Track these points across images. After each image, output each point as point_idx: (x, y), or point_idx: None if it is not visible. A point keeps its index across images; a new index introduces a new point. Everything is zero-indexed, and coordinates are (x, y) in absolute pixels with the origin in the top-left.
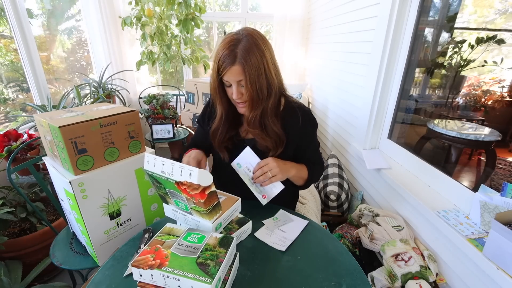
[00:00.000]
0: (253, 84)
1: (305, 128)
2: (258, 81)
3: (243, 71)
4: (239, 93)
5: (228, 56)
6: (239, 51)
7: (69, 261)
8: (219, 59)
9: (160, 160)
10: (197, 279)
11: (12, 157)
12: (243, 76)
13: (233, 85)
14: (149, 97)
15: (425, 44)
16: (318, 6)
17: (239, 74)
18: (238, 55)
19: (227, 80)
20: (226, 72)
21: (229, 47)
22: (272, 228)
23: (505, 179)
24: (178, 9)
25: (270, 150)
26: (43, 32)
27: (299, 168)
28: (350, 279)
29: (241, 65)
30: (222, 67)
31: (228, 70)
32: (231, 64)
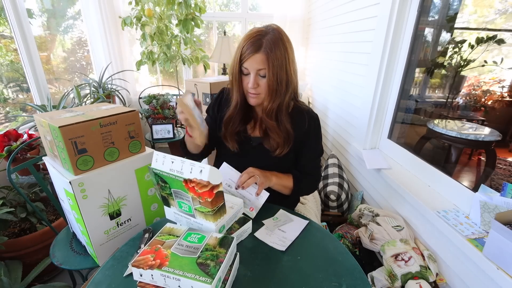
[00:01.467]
0: (274, 75)
1: (309, 133)
2: (280, 73)
3: (266, 61)
4: (255, 82)
5: (253, 44)
6: (265, 41)
7: (69, 261)
8: (244, 45)
9: (170, 158)
10: (197, 279)
11: (12, 157)
12: (266, 66)
13: (251, 74)
14: (149, 97)
15: (425, 44)
16: (318, 6)
17: (261, 63)
18: (264, 45)
19: (247, 67)
20: (249, 59)
21: (256, 36)
22: (272, 228)
23: (505, 179)
24: (178, 9)
25: (277, 148)
26: (43, 32)
27: (281, 177)
28: (350, 279)
29: (266, 54)
30: (246, 53)
31: (251, 57)
32: (255, 51)
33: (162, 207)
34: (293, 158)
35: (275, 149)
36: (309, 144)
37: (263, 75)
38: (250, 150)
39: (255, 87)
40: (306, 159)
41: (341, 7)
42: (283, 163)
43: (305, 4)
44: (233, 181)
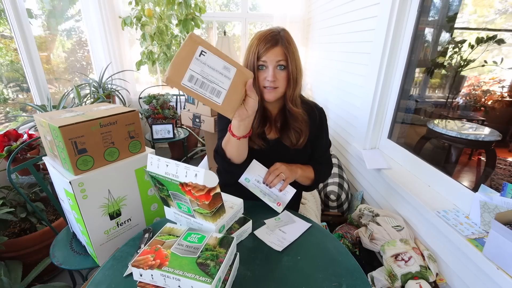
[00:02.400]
0: (293, 63)
1: (321, 126)
2: (297, 64)
3: (285, 52)
4: (274, 75)
5: (270, 40)
6: (281, 37)
7: (69, 261)
8: (260, 43)
9: (164, 161)
10: (197, 279)
11: (12, 157)
12: (285, 57)
13: (269, 67)
14: (149, 97)
15: (425, 44)
16: (318, 6)
17: (281, 55)
18: (280, 39)
19: (266, 60)
20: (268, 53)
21: (271, 34)
22: (273, 228)
23: (505, 179)
24: (178, 9)
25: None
26: (43, 32)
27: (304, 169)
28: (350, 279)
29: (284, 47)
30: (264, 47)
31: (270, 50)
32: (274, 45)
33: (162, 207)
34: (309, 151)
35: (296, 140)
36: (323, 135)
37: (282, 66)
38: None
39: (274, 80)
40: (319, 150)
41: (341, 7)
42: (301, 157)
43: (305, 4)
44: (261, 177)
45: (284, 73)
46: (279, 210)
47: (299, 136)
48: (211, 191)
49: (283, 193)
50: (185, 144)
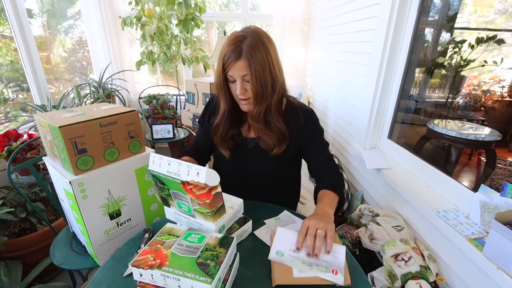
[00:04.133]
0: (258, 79)
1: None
2: (263, 77)
3: (248, 66)
4: (242, 89)
5: (233, 51)
6: (245, 47)
7: (69, 261)
8: (225, 54)
9: (166, 160)
10: (197, 279)
11: (12, 157)
12: (248, 71)
13: (237, 81)
14: (149, 97)
15: (425, 44)
16: (318, 6)
17: (244, 69)
18: (244, 51)
19: (232, 75)
20: (232, 67)
21: (235, 43)
22: (273, 228)
23: (505, 179)
24: (178, 9)
25: (274, 147)
26: (43, 32)
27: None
28: (350, 279)
29: (247, 60)
30: (228, 62)
31: (233, 65)
32: (237, 59)
33: (162, 207)
34: (294, 155)
35: (271, 149)
36: (313, 139)
37: (248, 80)
38: (247, 152)
39: (244, 93)
40: (314, 153)
41: (341, 7)
42: (283, 161)
43: (305, 4)
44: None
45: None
46: (340, 281)
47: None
48: (212, 190)
49: (332, 256)
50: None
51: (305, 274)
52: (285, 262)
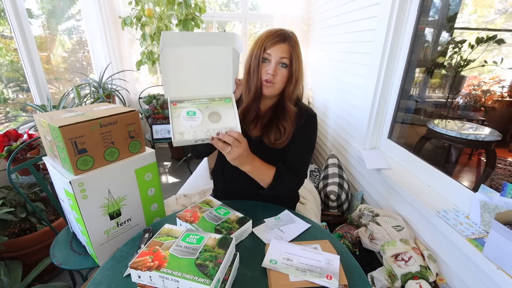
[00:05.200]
0: (296, 63)
1: (303, 129)
2: (297, 67)
3: (289, 51)
4: (274, 69)
5: (280, 35)
6: (289, 36)
7: (69, 261)
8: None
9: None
10: (196, 280)
11: (12, 157)
12: (288, 55)
13: (272, 61)
14: (149, 97)
15: (425, 44)
16: (318, 6)
17: (285, 52)
18: (288, 38)
19: (270, 54)
20: (274, 47)
21: (280, 31)
22: (272, 227)
23: (505, 179)
24: (178, 9)
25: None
26: (43, 32)
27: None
28: (350, 279)
29: (290, 46)
30: (272, 41)
31: (277, 45)
32: (282, 41)
33: (162, 207)
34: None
35: (275, 139)
36: (303, 140)
37: (284, 64)
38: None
39: (274, 74)
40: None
41: (341, 7)
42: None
43: (305, 4)
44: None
45: (285, 71)
46: (335, 286)
47: (280, 135)
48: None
49: (326, 262)
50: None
51: (301, 279)
52: (279, 269)
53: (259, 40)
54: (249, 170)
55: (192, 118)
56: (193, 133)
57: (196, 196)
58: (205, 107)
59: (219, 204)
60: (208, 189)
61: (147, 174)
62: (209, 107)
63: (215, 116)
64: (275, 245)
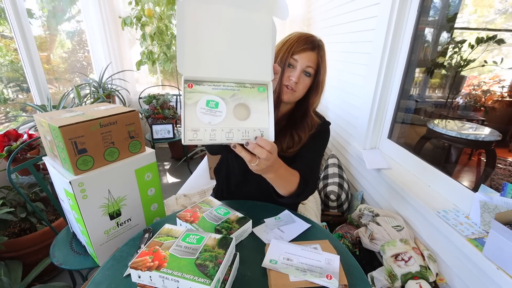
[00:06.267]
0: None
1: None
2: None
3: (316, 61)
4: (298, 76)
5: (311, 42)
6: (318, 46)
7: (69, 261)
8: (297, 40)
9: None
10: (196, 280)
11: (12, 157)
12: (314, 65)
13: (297, 68)
14: (149, 97)
15: (425, 44)
16: (318, 6)
17: (312, 61)
18: (317, 48)
19: (297, 59)
20: (302, 53)
21: (311, 37)
22: (272, 227)
23: (505, 179)
24: None
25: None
26: (43, 32)
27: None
28: (350, 279)
29: (319, 56)
30: (300, 47)
31: (305, 52)
32: (311, 49)
33: (162, 207)
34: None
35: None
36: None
37: (308, 73)
38: None
39: (297, 81)
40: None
41: (341, 7)
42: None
43: (305, 4)
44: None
45: (308, 80)
46: (335, 286)
47: (293, 144)
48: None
49: (326, 262)
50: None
51: (301, 279)
52: (279, 269)
53: (287, 42)
54: (272, 178)
55: (213, 111)
56: (211, 132)
57: (196, 196)
58: (231, 95)
59: (219, 204)
60: (208, 189)
61: (147, 174)
62: (236, 96)
63: (242, 111)
64: (275, 245)
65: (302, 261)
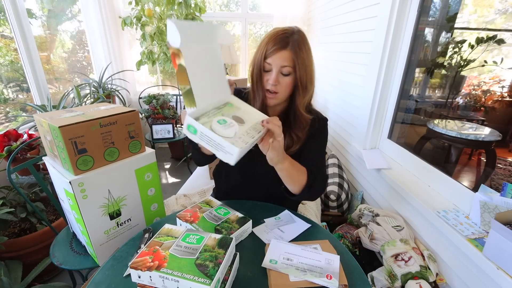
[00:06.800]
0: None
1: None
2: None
3: (291, 59)
4: (276, 79)
5: (280, 40)
6: (291, 41)
7: (69, 261)
8: (269, 41)
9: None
10: (196, 280)
11: (12, 157)
12: (290, 63)
13: (273, 70)
14: (149, 97)
15: (425, 44)
16: (318, 6)
17: (287, 60)
18: (290, 43)
19: (271, 63)
20: (274, 55)
21: (283, 34)
22: (272, 227)
23: (505, 179)
24: (178, 9)
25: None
26: (43, 32)
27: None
28: (350, 279)
29: (293, 53)
30: (272, 48)
31: (277, 52)
32: (282, 48)
33: (162, 207)
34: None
35: (287, 147)
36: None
37: (286, 73)
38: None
39: (275, 84)
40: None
41: (341, 7)
42: None
43: (305, 4)
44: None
45: (288, 79)
46: (335, 286)
47: (292, 143)
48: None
49: (326, 262)
50: (185, 144)
51: (301, 279)
52: (279, 269)
53: (260, 45)
54: (287, 166)
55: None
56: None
57: (196, 196)
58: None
59: (219, 204)
60: (208, 189)
61: (147, 174)
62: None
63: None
64: (275, 245)
65: (302, 261)
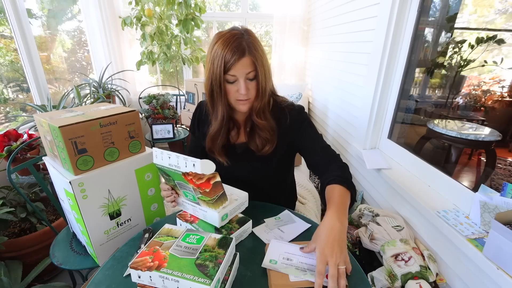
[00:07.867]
0: (262, 74)
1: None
2: (265, 72)
3: (253, 63)
4: (246, 88)
5: (236, 49)
6: (246, 44)
7: (69, 261)
8: (225, 54)
9: (166, 154)
10: (196, 280)
11: (12, 157)
12: (253, 67)
13: (240, 80)
14: (149, 97)
15: (425, 44)
16: (318, 6)
17: (249, 66)
18: (246, 48)
19: (235, 74)
20: (235, 66)
21: (235, 41)
22: (272, 227)
23: (505, 179)
24: (178, 9)
25: (265, 145)
26: (43, 32)
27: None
28: (350, 279)
29: (252, 56)
30: (232, 59)
31: (238, 62)
32: (242, 56)
33: (162, 207)
34: (284, 153)
35: (262, 147)
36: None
37: (251, 77)
38: (236, 158)
39: (247, 92)
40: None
41: (341, 7)
42: (270, 161)
43: (305, 4)
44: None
45: (254, 82)
46: None
47: (266, 143)
48: (211, 179)
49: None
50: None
51: (301, 279)
52: (279, 269)
53: (215, 59)
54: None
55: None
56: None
57: None
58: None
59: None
60: None
61: (147, 174)
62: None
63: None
64: (275, 245)
65: (302, 261)
